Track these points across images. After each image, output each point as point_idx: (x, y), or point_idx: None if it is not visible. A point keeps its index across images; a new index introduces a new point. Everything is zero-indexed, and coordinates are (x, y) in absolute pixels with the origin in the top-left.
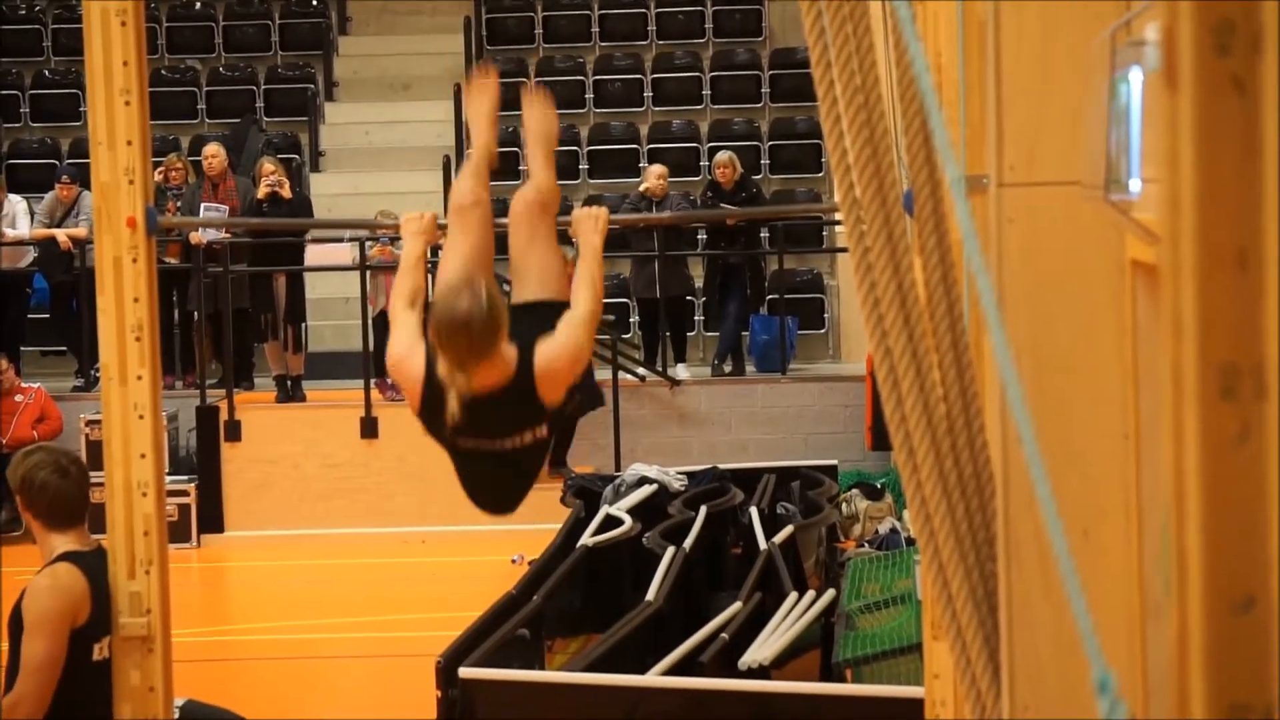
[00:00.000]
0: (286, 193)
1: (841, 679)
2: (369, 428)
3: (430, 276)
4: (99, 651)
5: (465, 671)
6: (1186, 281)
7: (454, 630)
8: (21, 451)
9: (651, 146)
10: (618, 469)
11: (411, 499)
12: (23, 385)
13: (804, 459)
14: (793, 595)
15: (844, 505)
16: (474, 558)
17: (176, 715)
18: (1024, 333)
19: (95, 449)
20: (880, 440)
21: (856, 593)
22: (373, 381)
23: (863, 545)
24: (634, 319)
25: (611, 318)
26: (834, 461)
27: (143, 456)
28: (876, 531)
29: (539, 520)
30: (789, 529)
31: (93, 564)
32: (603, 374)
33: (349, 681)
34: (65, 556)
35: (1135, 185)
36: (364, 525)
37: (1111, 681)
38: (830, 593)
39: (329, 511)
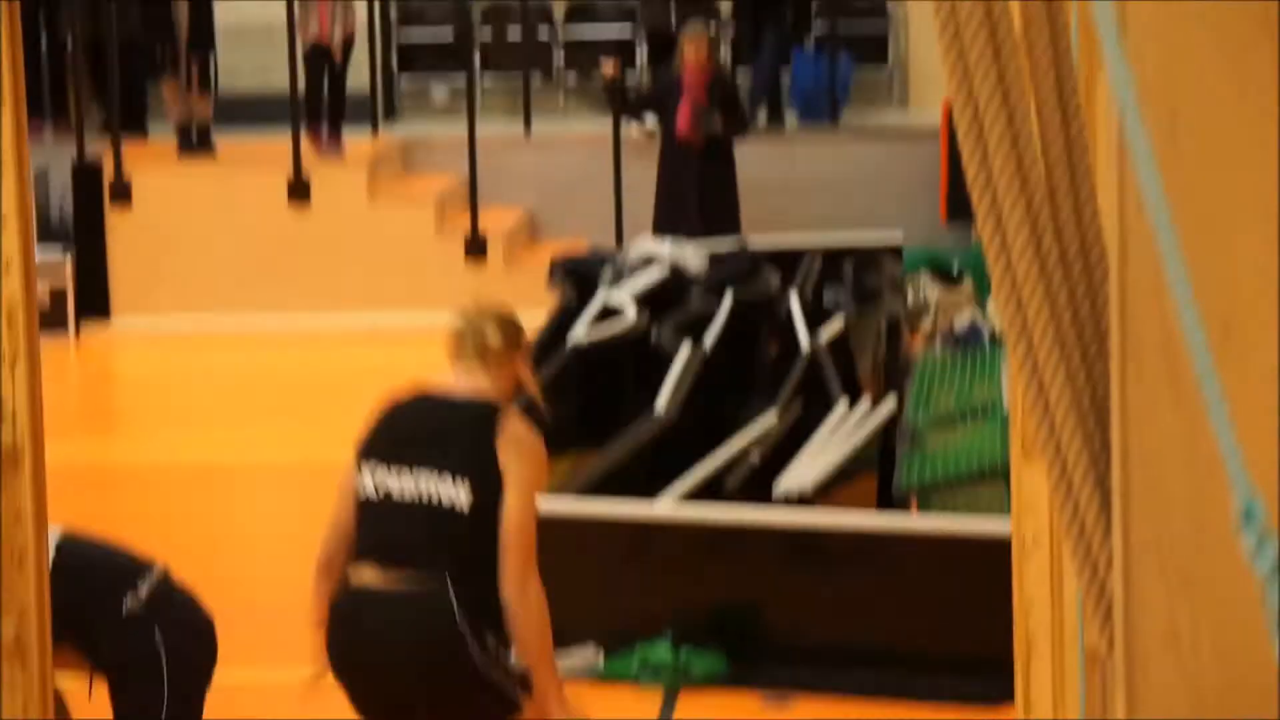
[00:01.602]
0: None
1: (904, 509)
2: (299, 190)
3: None
4: None
5: None
6: None
7: None
8: None
9: None
10: (619, 245)
11: (355, 282)
12: None
13: (859, 234)
14: (842, 405)
15: (910, 292)
16: (435, 352)
17: (52, 552)
18: (1151, 71)
19: None
20: (959, 210)
21: (925, 402)
22: (303, 130)
23: (934, 342)
24: (642, 56)
25: (613, 57)
26: (898, 237)
27: (3, 221)
28: (952, 325)
29: (520, 308)
30: (838, 322)
31: None
32: (599, 128)
33: (270, 510)
34: None
35: None
36: (294, 312)
37: (1259, 511)
38: (891, 402)
39: (247, 296)
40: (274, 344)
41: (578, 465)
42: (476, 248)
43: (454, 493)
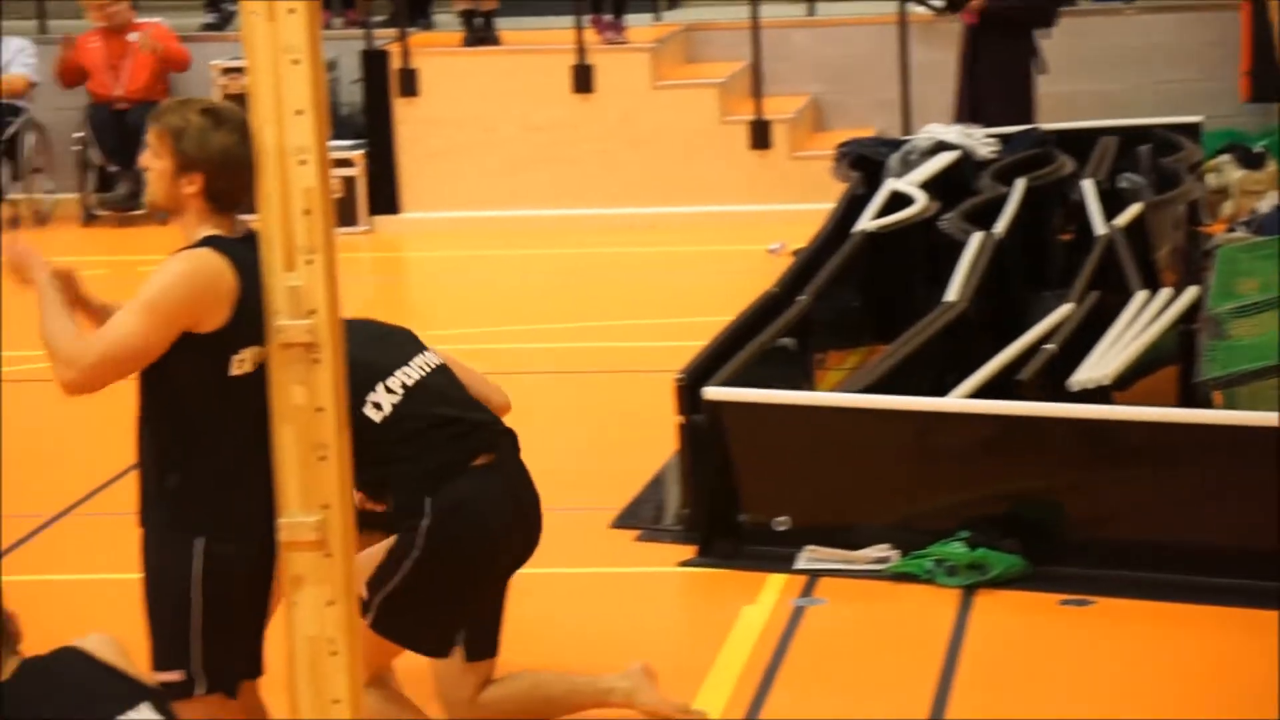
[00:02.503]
0: None
1: (1207, 403)
2: (582, 78)
3: None
4: (239, 365)
5: (712, 392)
6: None
7: (696, 340)
8: (176, 100)
9: None
10: (906, 132)
11: (639, 171)
12: (137, 20)
13: (1156, 115)
14: (1140, 294)
15: (1211, 176)
16: (721, 246)
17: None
18: None
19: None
20: (1263, 88)
21: (1227, 291)
22: (587, 18)
23: (1235, 228)
24: None
25: None
26: (1197, 118)
27: (299, 113)
28: (1255, 210)
29: (805, 198)
30: (1136, 208)
31: (243, 254)
32: (885, 9)
33: (560, 403)
34: (210, 242)
35: None
36: (576, 206)
37: None
38: (1191, 291)
39: (531, 187)
40: (557, 236)
41: (868, 358)
42: (760, 136)
43: (433, 358)
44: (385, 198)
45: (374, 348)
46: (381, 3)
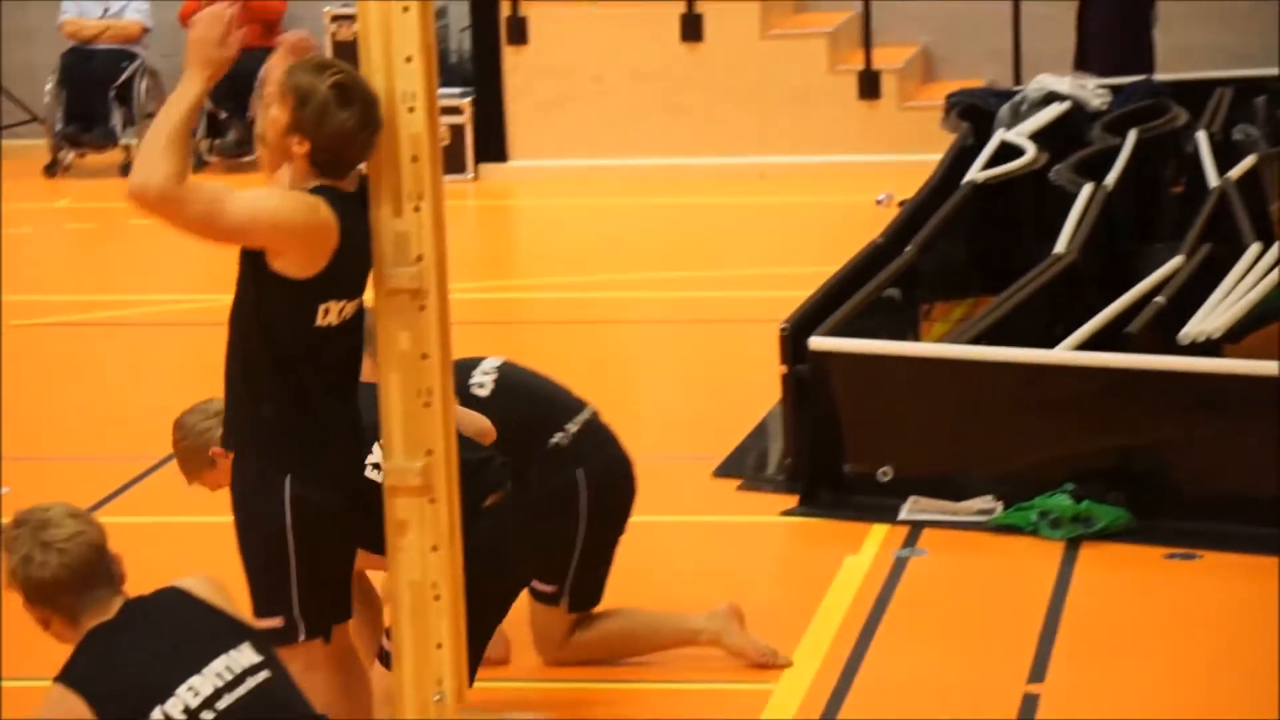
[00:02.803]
0: None
1: None
2: (691, 27)
3: None
4: (324, 315)
5: (817, 342)
6: None
7: (802, 290)
8: (315, 61)
9: None
10: (1017, 82)
11: (747, 120)
12: None
13: (1272, 67)
14: (1253, 247)
15: None
16: (828, 197)
17: (494, 374)
18: None
19: (345, 52)
20: None
21: None
22: None
23: None
24: None
25: None
26: None
27: (409, 60)
28: None
29: (913, 149)
30: (1250, 160)
31: (351, 209)
32: None
33: (664, 352)
34: (321, 192)
35: None
36: (684, 154)
37: None
38: None
39: (639, 137)
40: (663, 186)
41: (975, 309)
42: (869, 86)
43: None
44: (493, 145)
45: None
46: None
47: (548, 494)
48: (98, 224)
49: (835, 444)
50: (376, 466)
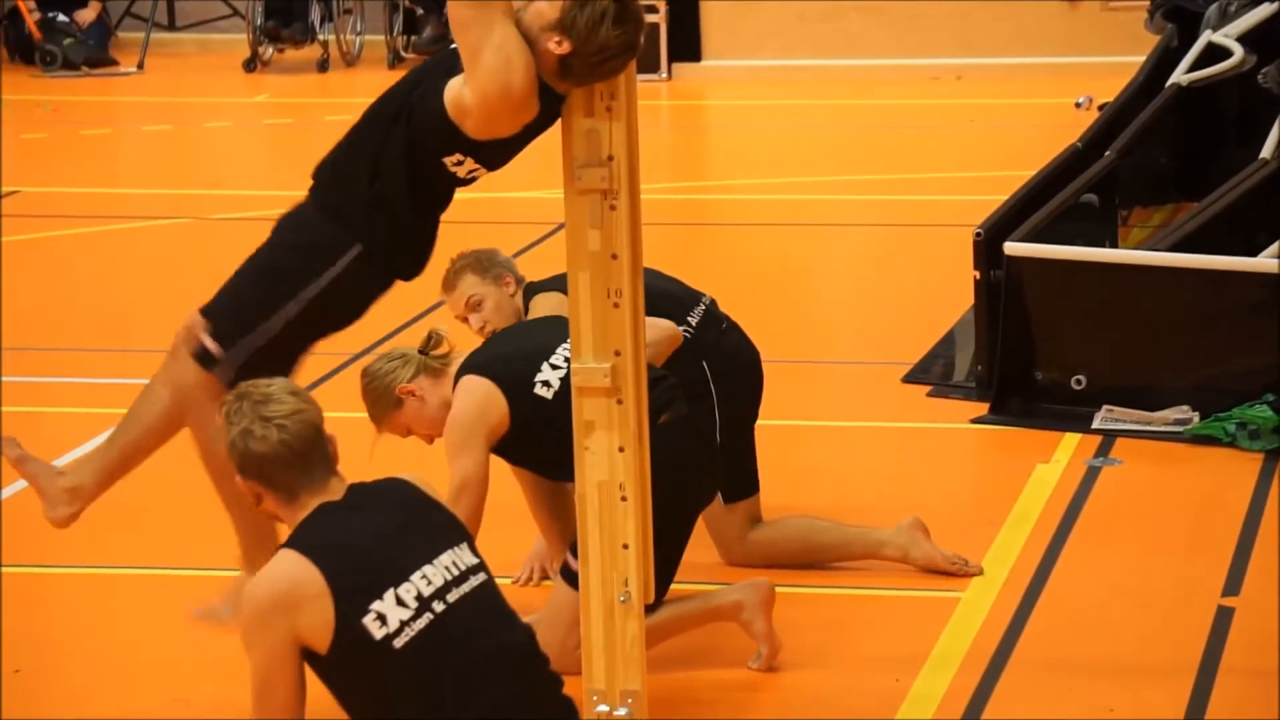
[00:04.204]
0: None
1: None
2: None
3: None
4: (453, 166)
5: (1012, 247)
6: None
7: (998, 194)
8: None
9: None
10: None
11: (945, 21)
12: None
13: None
14: None
15: None
16: (1026, 100)
17: None
18: None
19: None
20: None
21: None
22: None
23: None
24: None
25: None
26: None
27: None
28: None
29: (1116, 51)
30: None
31: (550, 107)
32: None
33: (855, 255)
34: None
35: None
36: (880, 55)
37: None
38: None
39: (835, 37)
40: (860, 87)
41: (1175, 216)
42: None
43: None
44: (687, 45)
45: (545, 329)
46: None
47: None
48: (295, 119)
49: (1028, 351)
50: (546, 384)
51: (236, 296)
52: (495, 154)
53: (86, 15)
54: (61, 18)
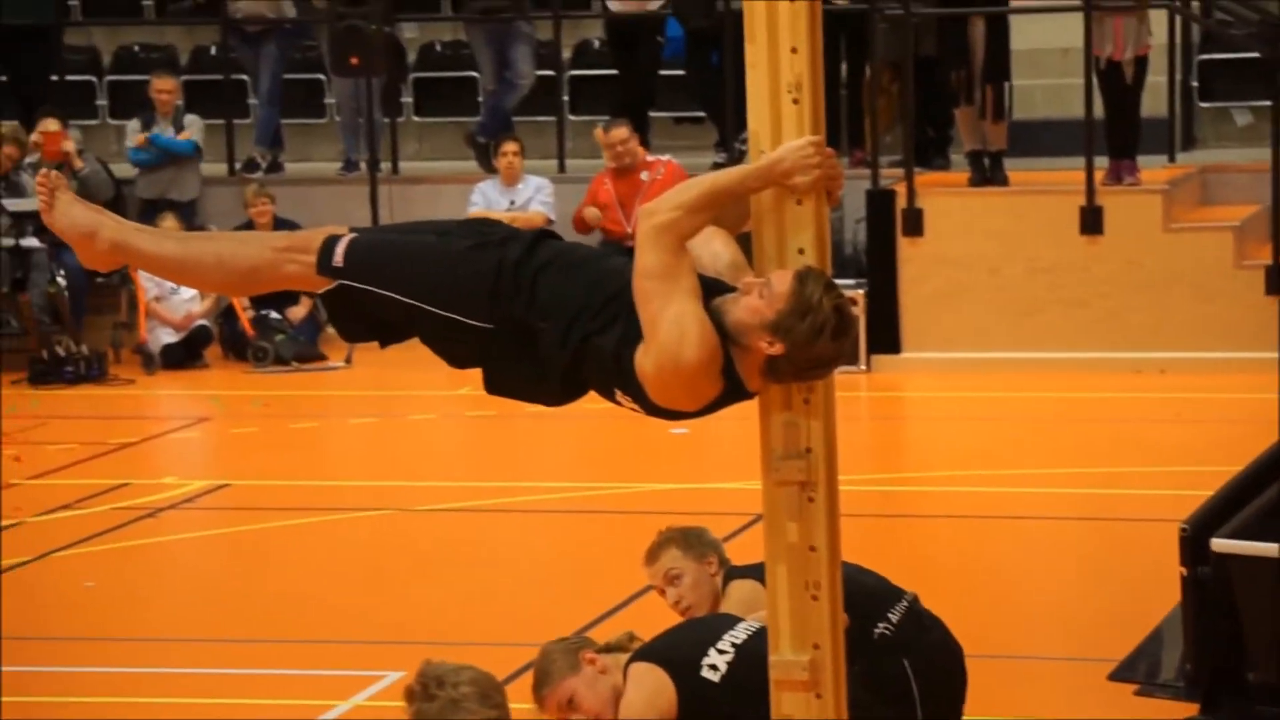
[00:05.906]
0: None
1: None
2: (1091, 220)
3: None
4: None
5: (1220, 544)
6: None
7: (1204, 489)
8: (816, 271)
9: None
10: None
11: (1145, 314)
12: (649, 159)
13: None
14: None
15: None
16: (1234, 394)
17: None
18: None
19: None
20: None
21: None
22: (1097, 160)
23: None
24: None
25: None
26: None
27: (801, 252)
28: None
29: None
30: None
31: (732, 393)
32: None
33: (1058, 550)
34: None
35: None
36: (1081, 349)
37: None
38: None
39: (1036, 329)
40: (1061, 379)
41: None
42: (1278, 280)
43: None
44: (886, 337)
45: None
46: (890, 142)
47: (878, 688)
48: (497, 411)
49: (1239, 650)
50: (713, 667)
51: (388, 252)
52: (663, 415)
53: (298, 312)
54: (274, 315)
